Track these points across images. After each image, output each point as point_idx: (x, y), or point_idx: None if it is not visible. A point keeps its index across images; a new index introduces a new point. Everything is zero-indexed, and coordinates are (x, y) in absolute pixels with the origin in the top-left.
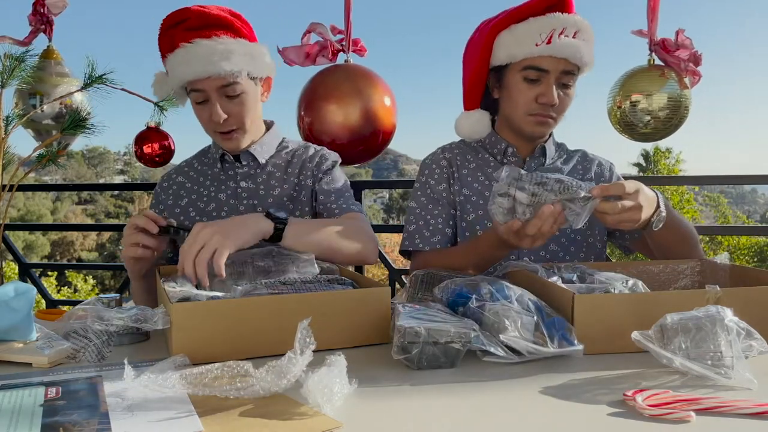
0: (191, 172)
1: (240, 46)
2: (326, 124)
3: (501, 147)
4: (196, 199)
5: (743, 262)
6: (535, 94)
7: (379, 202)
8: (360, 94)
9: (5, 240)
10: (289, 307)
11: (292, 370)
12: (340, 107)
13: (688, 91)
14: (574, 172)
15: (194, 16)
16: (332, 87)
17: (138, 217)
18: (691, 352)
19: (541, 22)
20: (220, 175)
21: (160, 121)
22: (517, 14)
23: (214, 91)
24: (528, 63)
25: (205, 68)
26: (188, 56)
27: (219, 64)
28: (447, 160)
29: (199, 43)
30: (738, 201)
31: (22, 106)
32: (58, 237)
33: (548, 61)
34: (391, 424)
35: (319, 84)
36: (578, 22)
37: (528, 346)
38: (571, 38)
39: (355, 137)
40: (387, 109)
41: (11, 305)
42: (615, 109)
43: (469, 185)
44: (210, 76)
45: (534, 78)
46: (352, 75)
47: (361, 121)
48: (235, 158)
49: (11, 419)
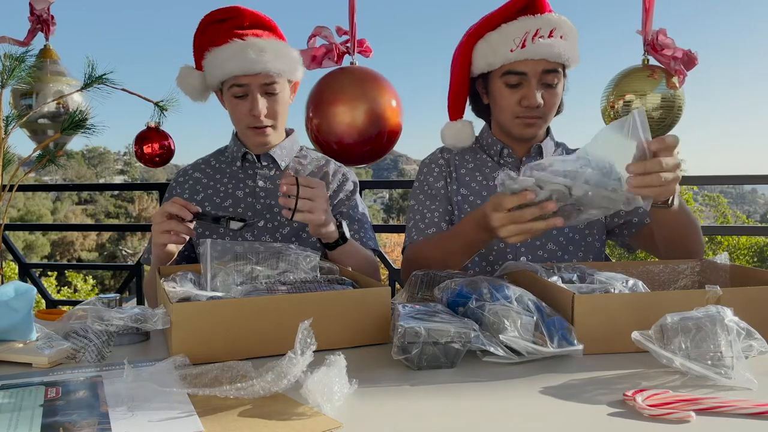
0: (208, 169)
1: (284, 48)
2: (333, 125)
3: (497, 148)
4: (212, 194)
5: (743, 262)
6: (518, 98)
7: (379, 202)
8: (366, 96)
9: (5, 240)
10: (289, 307)
11: (292, 370)
12: (347, 109)
13: (681, 91)
14: None
15: (244, 15)
16: (339, 89)
17: (170, 204)
18: (691, 352)
19: (513, 27)
20: (238, 173)
21: (160, 121)
22: (490, 22)
23: (257, 87)
24: (506, 68)
25: (253, 66)
26: (240, 51)
27: (269, 63)
28: (445, 160)
29: (251, 40)
30: (738, 201)
31: (21, 106)
32: (58, 237)
33: (526, 65)
34: (391, 424)
35: (326, 86)
36: (553, 20)
37: (527, 346)
38: (546, 38)
39: (362, 138)
40: (393, 110)
41: (11, 305)
42: (608, 109)
43: (467, 185)
44: (259, 73)
45: (515, 83)
46: (358, 77)
47: (367, 122)
48: (257, 158)
49: (11, 419)
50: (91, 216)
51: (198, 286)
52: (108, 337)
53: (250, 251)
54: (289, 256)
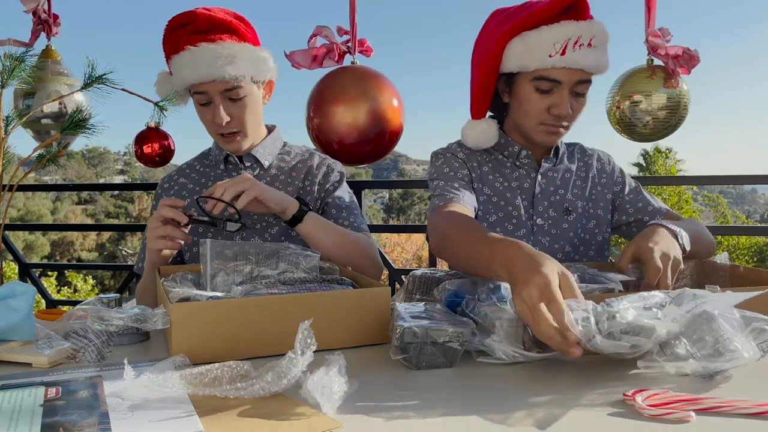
0: (192, 173)
1: (244, 50)
2: (334, 125)
3: (514, 150)
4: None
5: (743, 262)
6: (547, 105)
7: (379, 202)
8: (367, 96)
9: (5, 240)
10: (289, 307)
11: (292, 370)
12: (347, 109)
13: (687, 90)
14: (578, 171)
15: (200, 20)
16: (340, 89)
17: (165, 209)
18: (696, 354)
19: (555, 30)
20: (223, 176)
21: (160, 121)
22: (530, 20)
23: (217, 94)
24: (540, 74)
25: (209, 72)
26: (193, 59)
27: (223, 68)
28: (465, 155)
29: (204, 47)
30: (738, 201)
31: (20, 106)
32: (58, 237)
33: (562, 73)
34: (391, 424)
35: (327, 86)
36: (594, 27)
37: (511, 351)
38: (586, 47)
39: (363, 138)
40: (394, 110)
41: (11, 305)
42: (614, 110)
43: (490, 184)
44: (215, 79)
45: (546, 89)
46: (359, 77)
47: (368, 122)
48: (239, 159)
49: (11, 419)
50: (91, 216)
51: (198, 286)
52: (108, 337)
53: (250, 251)
54: (288, 255)
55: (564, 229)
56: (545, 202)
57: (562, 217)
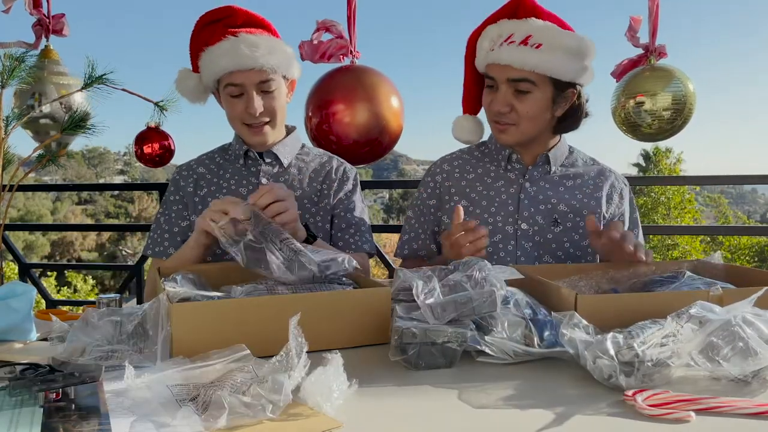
0: (212, 165)
1: (279, 45)
2: (333, 124)
3: (504, 154)
4: (215, 190)
5: (743, 262)
6: (489, 102)
7: (379, 202)
8: (367, 96)
9: (5, 240)
10: (289, 307)
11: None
12: (347, 108)
13: (693, 91)
14: (583, 185)
15: (237, 14)
16: (339, 88)
17: (225, 203)
18: (728, 359)
19: (492, 29)
20: (242, 171)
21: (160, 121)
22: (487, 20)
23: (252, 85)
24: (483, 71)
25: (248, 61)
26: (233, 48)
27: (264, 57)
28: (444, 174)
29: (244, 36)
30: (738, 201)
31: (21, 106)
32: (57, 237)
33: (493, 69)
34: (391, 424)
35: (326, 85)
36: (534, 27)
37: (514, 347)
38: (517, 45)
39: (362, 138)
40: (394, 111)
41: (11, 305)
42: (619, 110)
43: (467, 196)
44: (253, 68)
45: (490, 85)
46: (359, 76)
47: (368, 122)
48: (259, 156)
49: (11, 419)
50: (91, 216)
51: (198, 286)
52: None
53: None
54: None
55: (548, 239)
56: (532, 208)
57: (549, 227)
